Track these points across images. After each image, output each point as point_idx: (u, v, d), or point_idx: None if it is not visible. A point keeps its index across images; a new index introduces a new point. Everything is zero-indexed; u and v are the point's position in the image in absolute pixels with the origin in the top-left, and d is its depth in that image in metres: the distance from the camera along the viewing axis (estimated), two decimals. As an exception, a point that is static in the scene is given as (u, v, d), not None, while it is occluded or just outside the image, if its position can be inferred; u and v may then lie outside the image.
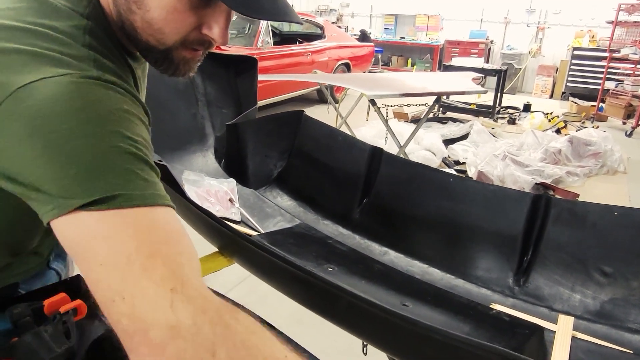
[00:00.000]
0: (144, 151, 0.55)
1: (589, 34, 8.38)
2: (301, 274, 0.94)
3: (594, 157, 4.41)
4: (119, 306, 0.47)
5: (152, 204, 0.52)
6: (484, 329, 1.11)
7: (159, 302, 0.47)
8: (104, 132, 0.52)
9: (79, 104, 0.51)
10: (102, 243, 0.49)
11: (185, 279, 0.49)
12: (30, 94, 0.51)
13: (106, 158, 0.51)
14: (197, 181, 1.56)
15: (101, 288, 0.49)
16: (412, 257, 1.41)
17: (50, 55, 0.54)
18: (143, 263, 0.48)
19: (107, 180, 0.50)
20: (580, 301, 1.18)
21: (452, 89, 3.95)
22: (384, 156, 1.56)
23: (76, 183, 0.50)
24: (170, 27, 0.60)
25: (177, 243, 0.52)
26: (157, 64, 0.66)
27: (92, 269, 0.49)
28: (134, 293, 0.47)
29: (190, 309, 0.47)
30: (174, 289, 0.48)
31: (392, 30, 10.70)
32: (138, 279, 0.48)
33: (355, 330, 0.98)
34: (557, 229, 1.26)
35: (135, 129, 0.55)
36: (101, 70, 0.56)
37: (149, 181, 0.54)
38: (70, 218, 0.50)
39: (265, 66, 5.23)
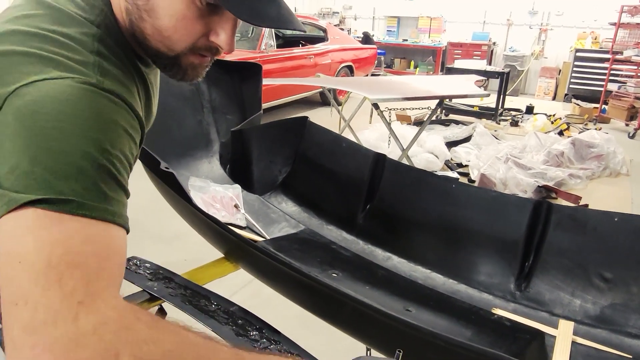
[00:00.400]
0: (117, 167, 0.56)
1: (591, 36, 8.37)
2: (306, 280, 0.96)
3: (596, 160, 4.41)
4: (19, 311, 0.46)
5: (100, 218, 0.52)
6: (485, 333, 1.13)
7: (61, 314, 0.46)
8: (84, 139, 0.53)
9: (71, 108, 0.53)
10: (30, 240, 0.49)
11: (98, 292, 0.49)
12: (29, 92, 0.53)
13: (75, 164, 0.52)
14: (203, 187, 1.59)
15: (10, 286, 0.48)
16: (415, 263, 1.43)
17: (56, 59, 0.56)
18: (61, 271, 0.47)
19: (67, 184, 0.51)
20: (580, 306, 1.20)
21: (454, 92, 3.96)
22: (387, 162, 1.58)
23: (37, 181, 0.50)
24: (179, 34, 0.63)
25: (105, 260, 0.51)
26: (166, 69, 0.69)
27: (10, 263, 0.49)
28: (38, 300, 0.46)
29: (93, 320, 0.47)
30: (81, 302, 0.47)
31: (395, 32, 10.72)
32: (49, 287, 0.47)
33: (358, 335, 1.00)
34: (558, 234, 1.28)
35: (118, 143, 0.56)
36: (103, 77, 0.58)
37: (108, 196, 0.54)
38: (14, 215, 0.50)
39: (268, 69, 5.26)
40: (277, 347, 0.92)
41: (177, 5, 0.60)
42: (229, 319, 0.98)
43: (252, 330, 0.96)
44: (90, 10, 0.63)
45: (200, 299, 1.03)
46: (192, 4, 0.60)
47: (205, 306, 1.01)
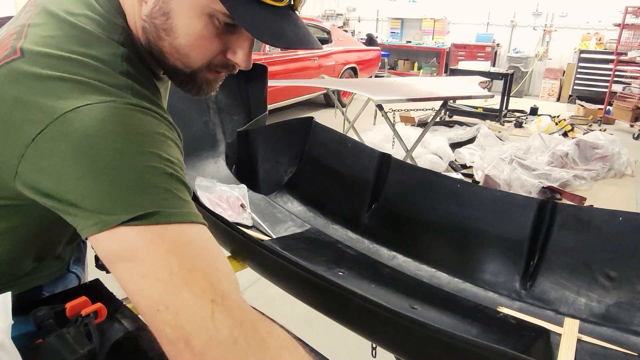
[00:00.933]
0: (179, 172, 0.58)
1: (596, 37, 8.36)
2: (313, 278, 0.97)
3: (601, 161, 4.40)
4: (163, 315, 0.50)
5: (188, 221, 0.55)
6: (491, 331, 1.13)
7: (200, 312, 0.50)
8: (144, 154, 0.55)
9: (121, 128, 0.55)
10: (143, 256, 0.52)
11: (225, 292, 0.53)
12: (77, 118, 0.54)
13: (146, 177, 0.54)
14: (210, 187, 1.60)
15: (143, 298, 0.52)
16: (420, 262, 1.44)
17: (93, 84, 0.57)
18: (184, 276, 0.51)
19: (146, 198, 0.54)
20: (585, 304, 1.20)
21: (459, 93, 3.96)
22: (392, 162, 1.59)
23: (118, 200, 0.53)
24: (197, 53, 0.64)
25: (214, 259, 0.55)
26: (182, 85, 0.70)
27: (134, 280, 0.52)
28: (176, 303, 0.50)
29: (229, 321, 0.51)
30: (214, 301, 0.51)
31: (399, 34, 10.73)
32: (180, 291, 0.51)
33: (365, 333, 1.01)
34: (563, 233, 1.28)
35: (171, 151, 0.59)
36: (138, 98, 0.60)
37: (184, 200, 0.57)
38: (111, 233, 0.53)
39: (272, 71, 5.28)
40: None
41: (195, 25, 0.61)
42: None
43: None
44: (112, 29, 0.64)
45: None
46: (210, 24, 0.61)
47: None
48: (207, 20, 0.61)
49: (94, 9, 0.64)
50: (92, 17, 0.63)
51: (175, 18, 0.61)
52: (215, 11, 0.60)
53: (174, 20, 0.62)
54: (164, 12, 0.62)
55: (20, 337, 0.73)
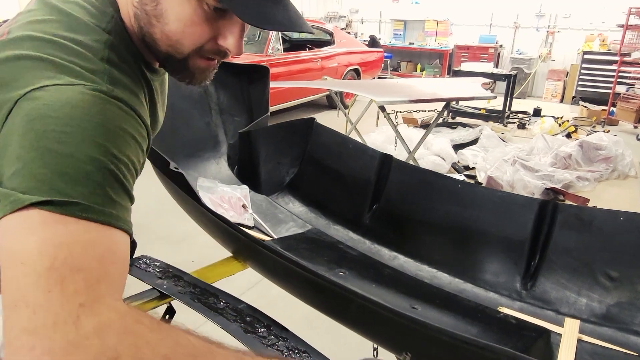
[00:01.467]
0: (123, 172, 0.56)
1: (599, 38, 8.34)
2: (314, 278, 0.97)
3: (604, 162, 4.39)
4: (19, 313, 0.46)
5: (105, 223, 0.52)
6: (491, 331, 1.13)
7: (62, 316, 0.45)
8: (92, 145, 0.53)
9: (80, 114, 0.54)
10: (34, 241, 0.48)
11: (100, 296, 0.48)
12: (40, 96, 0.54)
13: (82, 168, 0.52)
14: (211, 188, 1.61)
15: (10, 287, 0.48)
16: (421, 262, 1.44)
17: (68, 66, 0.57)
18: (63, 274, 0.47)
19: (73, 186, 0.51)
20: (586, 305, 1.20)
21: (461, 94, 3.97)
22: (393, 163, 1.60)
23: (44, 182, 0.50)
24: (187, 38, 0.64)
25: (107, 264, 0.51)
26: (175, 72, 0.70)
27: (12, 264, 0.48)
28: (37, 302, 0.46)
29: (94, 323, 0.46)
30: (83, 305, 0.46)
31: (401, 35, 10.74)
32: (50, 289, 0.46)
33: (366, 333, 1.01)
34: (564, 234, 1.28)
35: (125, 149, 0.57)
36: (113, 85, 0.60)
37: (114, 201, 0.54)
38: (19, 214, 0.49)
39: (275, 73, 5.29)
40: (284, 343, 0.93)
41: (185, 10, 0.62)
42: (237, 316, 1.00)
43: (260, 328, 0.97)
44: (101, 17, 0.64)
45: (209, 296, 1.05)
46: (200, 9, 0.62)
47: (213, 304, 1.03)
48: (196, 5, 0.61)
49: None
50: (82, 5, 0.64)
51: (165, 3, 0.62)
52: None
53: (163, 5, 0.62)
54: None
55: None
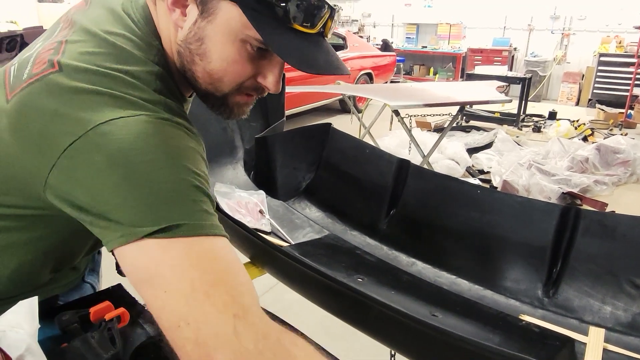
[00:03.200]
0: (205, 184, 0.60)
1: (615, 40, 8.22)
2: (333, 284, 0.96)
3: (622, 165, 4.32)
4: (183, 331, 0.51)
5: (211, 234, 0.56)
6: (513, 340, 1.11)
7: (222, 327, 0.50)
8: (176, 167, 0.57)
9: (156, 141, 0.57)
10: (166, 270, 0.53)
11: (247, 306, 0.53)
12: (112, 130, 0.55)
13: (176, 190, 0.56)
14: (228, 193, 1.61)
15: (166, 313, 0.52)
16: (439, 268, 1.43)
17: (127, 98, 0.58)
18: (206, 291, 0.52)
19: (174, 210, 0.55)
20: (611, 313, 1.18)
21: (476, 98, 3.93)
22: (411, 168, 1.59)
23: (149, 212, 0.54)
24: (229, 77, 0.66)
25: (236, 273, 0.56)
26: (214, 108, 0.72)
27: (157, 295, 0.53)
28: (198, 319, 0.51)
29: (252, 335, 0.51)
30: (236, 315, 0.51)
31: (414, 39, 10.71)
32: (202, 305, 0.51)
33: (384, 339, 1.00)
34: (587, 240, 1.26)
35: (199, 165, 0.61)
36: (170, 113, 0.61)
37: (209, 212, 0.58)
38: (136, 245, 0.54)
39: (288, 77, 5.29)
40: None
41: (229, 50, 0.63)
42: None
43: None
44: (149, 49, 0.66)
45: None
46: (244, 49, 0.63)
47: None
48: (240, 45, 0.63)
49: (131, 30, 0.66)
50: (129, 38, 0.65)
51: (210, 43, 0.63)
52: (249, 37, 0.61)
53: (208, 45, 0.63)
54: (199, 37, 0.63)
55: (46, 341, 0.74)
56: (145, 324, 0.86)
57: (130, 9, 0.68)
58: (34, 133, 0.57)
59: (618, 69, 7.85)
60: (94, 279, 1.02)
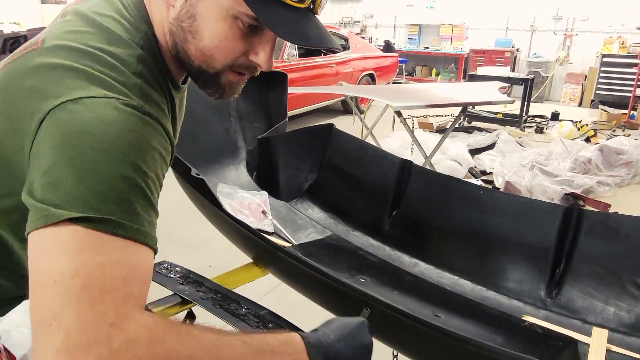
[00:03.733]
0: (151, 188, 0.58)
1: (618, 41, 8.20)
2: (336, 284, 0.97)
3: (625, 166, 4.31)
4: (52, 334, 0.47)
5: (134, 239, 0.54)
6: (516, 340, 1.11)
7: (95, 337, 0.47)
8: (125, 163, 0.55)
9: (115, 130, 0.55)
10: (68, 260, 0.50)
11: (128, 313, 0.50)
12: (76, 109, 0.55)
13: (116, 186, 0.54)
14: (231, 194, 1.61)
15: (42, 304, 0.49)
16: (442, 269, 1.42)
17: (102, 78, 0.58)
18: (94, 296, 0.49)
19: (106, 204, 0.52)
20: (614, 314, 1.17)
21: (478, 99, 3.92)
22: (413, 169, 1.59)
23: (78, 199, 0.51)
24: (221, 54, 0.66)
25: (134, 283, 0.53)
26: (206, 87, 0.72)
27: (45, 282, 0.49)
28: (71, 324, 0.47)
29: (124, 339, 0.48)
30: (112, 324, 0.48)
31: (416, 40, 10.70)
32: (82, 311, 0.48)
33: (387, 340, 1.00)
34: (590, 241, 1.26)
35: (153, 165, 0.59)
36: (143, 100, 0.61)
37: (142, 217, 0.56)
38: (51, 229, 0.51)
39: (291, 78, 5.29)
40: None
41: (221, 27, 0.63)
42: (259, 322, 1.00)
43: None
44: (136, 32, 0.66)
45: (230, 302, 1.05)
46: (235, 25, 0.63)
47: (235, 310, 1.03)
48: (231, 22, 0.63)
49: (121, 13, 0.66)
50: (117, 20, 0.65)
51: (201, 20, 0.64)
52: (240, 13, 0.62)
53: (199, 22, 0.64)
54: (191, 14, 0.64)
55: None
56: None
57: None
58: (17, 111, 0.58)
59: (621, 69, 7.83)
60: None
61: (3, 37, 5.00)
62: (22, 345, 0.68)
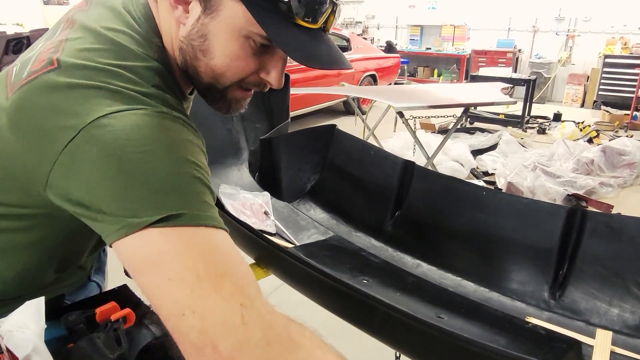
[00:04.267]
0: (205, 176, 0.60)
1: (621, 41, 8.19)
2: (339, 285, 0.96)
3: (628, 167, 4.29)
4: (189, 320, 0.50)
5: (212, 226, 0.56)
6: (520, 342, 1.11)
7: (229, 316, 0.50)
8: (174, 158, 0.57)
9: (153, 133, 0.56)
10: (170, 258, 0.52)
11: (253, 296, 0.53)
12: (109, 123, 0.55)
13: (174, 180, 0.55)
14: (233, 194, 1.61)
15: (169, 302, 0.52)
16: (445, 270, 1.42)
17: (126, 93, 0.58)
18: (212, 280, 0.52)
19: (174, 200, 0.54)
20: (618, 315, 1.17)
21: (480, 99, 3.92)
22: (416, 170, 1.58)
23: (146, 203, 0.53)
24: (232, 72, 0.66)
25: (239, 265, 0.56)
26: (214, 102, 0.72)
27: (159, 283, 0.52)
28: (204, 308, 0.50)
29: (259, 324, 0.51)
30: (243, 305, 0.51)
31: (418, 41, 10.70)
32: (208, 295, 0.51)
33: (390, 341, 1.00)
34: (594, 242, 1.25)
35: (199, 156, 0.60)
36: (169, 108, 0.61)
37: (209, 204, 0.58)
38: (137, 236, 0.53)
39: (293, 79, 5.29)
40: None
41: (232, 46, 0.63)
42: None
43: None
44: (148, 46, 0.66)
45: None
46: (247, 45, 0.63)
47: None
48: (243, 41, 0.63)
49: (132, 27, 0.66)
50: (129, 34, 0.64)
51: (213, 40, 0.63)
52: (252, 33, 0.61)
53: (211, 42, 0.63)
54: (202, 34, 0.63)
55: (52, 341, 0.74)
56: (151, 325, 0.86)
57: (130, 6, 0.67)
58: (34, 129, 0.57)
59: (623, 70, 7.82)
60: (100, 278, 1.02)
61: (6, 38, 5.01)
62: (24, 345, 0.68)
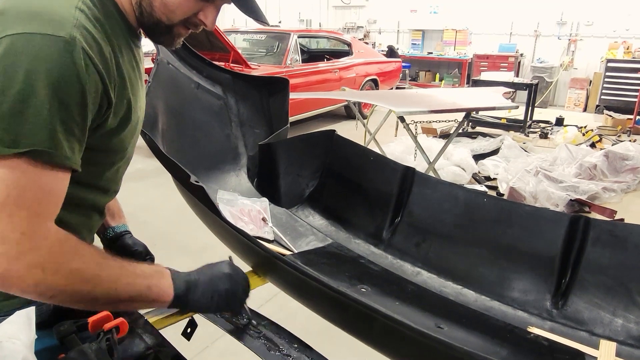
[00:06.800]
0: (76, 120, 0.70)
1: (623, 46, 8.17)
2: (336, 295, 0.94)
3: (631, 172, 4.27)
4: None
5: (54, 163, 0.68)
6: (522, 353, 1.08)
7: (9, 237, 0.65)
8: (51, 97, 0.66)
9: (42, 67, 0.65)
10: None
11: (37, 227, 0.67)
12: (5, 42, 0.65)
13: (42, 119, 0.65)
14: (231, 201, 1.59)
15: None
16: (445, 278, 1.40)
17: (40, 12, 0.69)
18: (11, 210, 0.65)
19: (34, 136, 0.65)
20: (622, 326, 1.14)
21: (482, 104, 3.91)
22: (416, 176, 1.56)
23: (7, 132, 0.64)
24: (180, 10, 0.81)
25: (49, 203, 0.69)
26: (160, 36, 0.86)
27: None
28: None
29: (29, 245, 0.66)
30: (24, 232, 0.66)
31: (420, 45, 10.70)
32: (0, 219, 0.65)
33: (388, 352, 0.97)
34: (597, 251, 1.23)
35: (76, 97, 0.69)
36: (80, 35, 0.70)
37: (62, 143, 0.68)
38: None
39: (293, 84, 5.29)
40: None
41: None
42: (260, 333, 0.98)
43: (284, 345, 0.95)
44: None
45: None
46: None
47: (236, 319, 1.01)
48: None
49: None
50: None
51: None
52: None
53: None
54: None
55: (44, 352, 0.73)
56: (144, 335, 0.84)
57: None
58: None
59: (626, 74, 7.81)
60: None
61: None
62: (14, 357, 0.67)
